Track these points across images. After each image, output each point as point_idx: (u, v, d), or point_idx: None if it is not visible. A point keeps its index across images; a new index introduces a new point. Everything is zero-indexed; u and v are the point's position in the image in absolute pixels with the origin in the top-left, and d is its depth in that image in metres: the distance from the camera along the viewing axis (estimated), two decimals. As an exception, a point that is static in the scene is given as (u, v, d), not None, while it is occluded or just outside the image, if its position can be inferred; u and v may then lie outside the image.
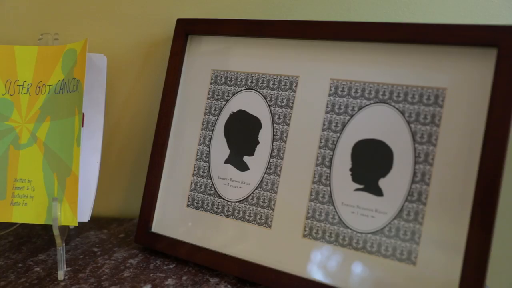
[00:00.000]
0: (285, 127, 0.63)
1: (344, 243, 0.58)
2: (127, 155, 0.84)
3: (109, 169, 0.82)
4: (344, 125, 0.60)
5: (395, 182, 0.56)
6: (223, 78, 0.69)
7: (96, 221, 0.80)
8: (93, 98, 0.69)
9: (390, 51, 0.58)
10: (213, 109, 0.69)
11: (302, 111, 0.63)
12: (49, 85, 0.67)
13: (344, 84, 0.60)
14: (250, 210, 0.64)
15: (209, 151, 0.69)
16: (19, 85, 0.68)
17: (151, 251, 0.71)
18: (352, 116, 0.59)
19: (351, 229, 0.58)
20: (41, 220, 0.64)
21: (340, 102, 0.60)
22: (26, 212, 0.64)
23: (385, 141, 0.57)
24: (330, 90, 0.61)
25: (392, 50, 0.58)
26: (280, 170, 0.63)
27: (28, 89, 0.68)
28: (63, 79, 0.67)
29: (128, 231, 0.78)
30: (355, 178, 0.58)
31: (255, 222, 0.64)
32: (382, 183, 0.57)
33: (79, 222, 0.63)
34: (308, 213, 0.60)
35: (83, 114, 0.66)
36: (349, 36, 0.61)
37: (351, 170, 0.59)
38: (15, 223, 0.72)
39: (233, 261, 0.63)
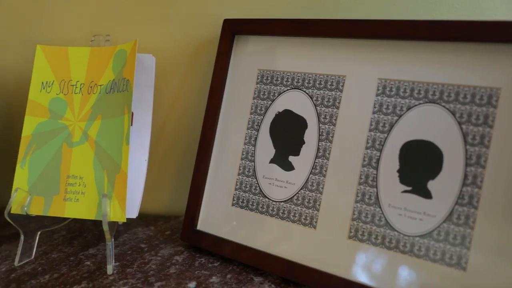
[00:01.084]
0: (331, 127, 0.63)
1: (391, 246, 0.56)
2: (174, 153, 0.85)
3: (156, 167, 0.83)
4: (392, 126, 0.58)
5: (445, 184, 0.54)
6: (269, 78, 0.69)
7: (143, 218, 0.82)
8: (142, 98, 0.71)
9: (441, 49, 0.57)
10: (259, 108, 0.70)
11: (349, 111, 0.62)
12: (100, 85, 0.70)
13: (392, 84, 0.59)
14: (295, 210, 0.64)
15: (254, 150, 0.69)
16: (73, 85, 0.71)
17: (196, 248, 0.72)
18: (400, 116, 0.58)
19: (398, 231, 0.56)
20: (91, 216, 0.66)
21: (388, 102, 0.59)
22: (78, 208, 0.66)
23: (434, 142, 0.56)
24: (378, 89, 0.60)
25: (443, 49, 0.57)
26: (325, 171, 0.62)
27: (80, 89, 0.70)
28: (113, 79, 0.69)
29: (174, 228, 0.80)
30: (402, 180, 0.57)
31: (299, 223, 0.63)
32: (431, 185, 0.55)
33: (127, 219, 0.65)
34: (354, 214, 0.59)
35: (132, 113, 0.68)
36: (398, 34, 0.59)
37: (398, 171, 0.57)
38: (68, 218, 0.74)
39: (277, 261, 0.62)
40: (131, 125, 0.67)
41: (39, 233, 0.71)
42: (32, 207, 0.67)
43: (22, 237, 0.67)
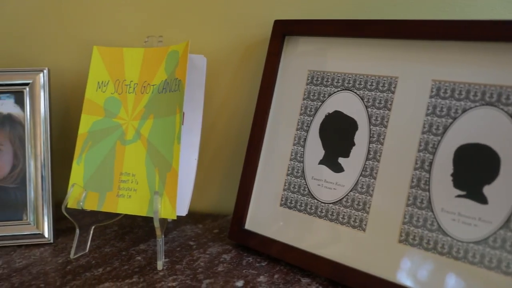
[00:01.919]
0: (383, 129, 0.62)
1: (443, 251, 0.55)
2: (223, 153, 0.86)
3: (205, 166, 0.85)
4: (446, 128, 0.57)
5: (502, 190, 0.52)
6: (319, 79, 0.69)
7: (192, 216, 0.83)
8: (193, 98, 0.72)
9: (499, 50, 0.55)
10: (308, 109, 0.69)
11: (401, 113, 0.61)
12: (153, 85, 0.71)
13: (447, 86, 0.58)
14: (344, 212, 0.63)
15: (303, 151, 0.69)
16: (127, 85, 0.73)
17: (244, 247, 0.72)
18: (455, 119, 0.57)
19: (451, 237, 0.55)
20: (143, 212, 0.67)
21: (442, 104, 0.58)
22: (130, 204, 0.68)
23: (491, 146, 0.54)
24: (432, 91, 0.59)
25: (502, 49, 0.55)
26: (376, 173, 0.61)
27: (134, 88, 0.72)
28: (166, 79, 0.70)
29: (222, 227, 0.81)
30: (456, 184, 0.55)
31: (348, 225, 0.63)
32: (487, 190, 0.53)
33: (176, 216, 0.66)
34: (405, 218, 0.58)
35: (183, 112, 0.69)
36: (453, 35, 0.58)
37: (452, 175, 0.56)
38: (120, 214, 0.76)
39: (325, 263, 0.62)
40: (182, 124, 0.69)
41: (93, 227, 0.73)
42: (87, 203, 0.69)
43: (77, 231, 0.70)
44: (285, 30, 0.72)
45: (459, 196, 0.55)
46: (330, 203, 0.65)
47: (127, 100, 0.72)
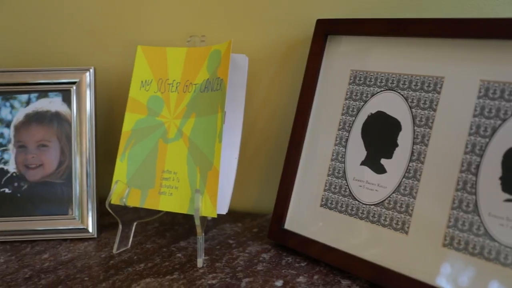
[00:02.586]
0: (427, 130, 0.60)
1: (490, 257, 0.53)
2: (263, 152, 0.86)
3: (245, 165, 0.85)
4: (494, 130, 0.55)
5: (554, 194, 0.50)
6: (362, 79, 0.68)
7: (231, 215, 0.83)
8: (234, 97, 0.72)
9: (552, 50, 0.53)
10: (350, 109, 0.69)
11: (447, 114, 0.59)
12: (195, 84, 0.72)
13: (496, 86, 0.56)
14: (386, 214, 0.62)
15: (345, 152, 0.68)
16: (169, 84, 0.74)
17: (283, 247, 0.72)
18: (504, 120, 0.55)
19: (499, 242, 0.53)
20: (184, 210, 0.68)
21: (491, 105, 0.56)
22: (171, 202, 0.69)
23: (543, 149, 0.52)
24: (479, 92, 0.57)
25: (555, 49, 0.53)
26: (420, 175, 0.60)
27: (176, 87, 0.73)
28: (208, 78, 0.71)
29: (261, 226, 0.81)
30: (505, 188, 0.54)
31: (390, 227, 0.62)
32: (538, 195, 0.51)
33: (217, 214, 0.66)
34: (450, 221, 0.57)
35: (224, 111, 0.70)
36: (502, 33, 0.56)
37: (501, 178, 0.54)
38: (161, 211, 0.77)
39: (366, 265, 0.61)
40: (223, 123, 0.69)
41: (135, 223, 0.75)
42: (130, 199, 0.71)
43: (120, 227, 0.72)
44: (327, 30, 0.72)
45: (508, 200, 0.53)
46: (371, 205, 0.64)
47: (169, 99, 0.73)
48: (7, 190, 0.78)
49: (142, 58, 0.75)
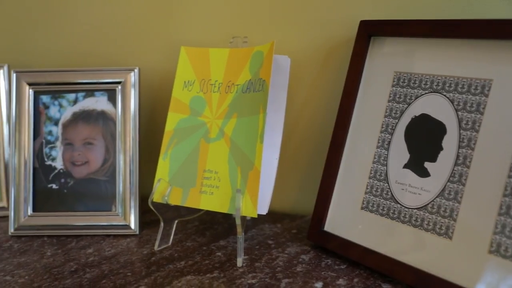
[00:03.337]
0: (474, 133, 0.59)
1: (539, 265, 0.52)
2: (303, 153, 0.86)
3: (284, 166, 0.85)
4: (545, 135, 0.54)
5: None
6: (406, 81, 0.67)
7: (270, 215, 0.84)
8: (276, 98, 0.72)
9: None
10: (393, 112, 0.68)
11: (495, 118, 0.58)
12: (237, 85, 0.72)
13: (547, 89, 0.54)
14: (429, 218, 0.61)
15: (387, 154, 0.67)
16: (212, 84, 0.74)
17: (322, 249, 0.72)
18: (556, 124, 0.53)
19: (548, 250, 0.52)
20: (224, 209, 0.69)
21: (542, 108, 0.54)
22: (212, 201, 0.70)
23: None
24: (530, 95, 0.55)
25: None
26: (465, 179, 0.59)
27: (219, 88, 0.74)
28: (250, 79, 0.71)
29: (300, 227, 0.81)
30: (556, 194, 0.52)
31: (434, 232, 0.61)
32: None
33: (257, 215, 0.67)
34: (496, 228, 0.55)
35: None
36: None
37: (552, 185, 0.52)
38: (201, 210, 0.78)
39: (408, 269, 0.60)
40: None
41: (176, 221, 0.76)
42: (171, 197, 0.72)
43: (162, 224, 0.73)
44: (371, 31, 0.71)
45: (559, 207, 0.52)
46: (414, 209, 0.63)
47: (211, 99, 0.74)
48: (54, 186, 0.81)
49: (185, 59, 0.77)
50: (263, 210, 0.70)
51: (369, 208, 0.68)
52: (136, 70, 0.81)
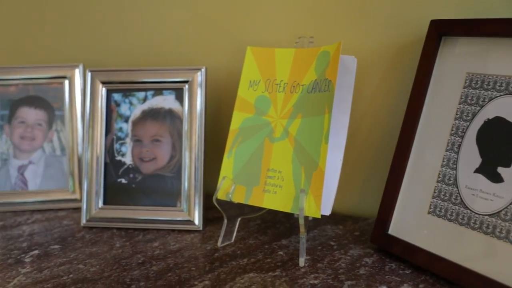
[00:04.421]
0: (553, 138, 0.56)
1: None
2: (366, 155, 0.85)
3: (348, 168, 0.84)
4: None
5: None
6: (479, 82, 0.65)
7: (332, 216, 0.83)
8: (341, 99, 0.72)
9: None
10: (465, 114, 0.66)
11: None
12: (303, 85, 0.73)
13: None
14: (502, 226, 0.59)
15: (457, 158, 0.65)
16: (277, 84, 0.75)
17: (386, 252, 0.71)
18: None
19: None
20: (287, 208, 0.69)
21: None
22: (275, 200, 0.70)
23: None
24: None
25: None
26: (542, 186, 0.56)
27: (284, 88, 0.74)
28: (315, 79, 0.71)
29: (362, 230, 0.79)
30: None
31: (507, 240, 0.58)
32: None
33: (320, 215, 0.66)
34: None
35: (330, 113, 0.69)
36: None
37: None
38: (263, 209, 0.79)
39: (478, 278, 0.58)
40: (329, 124, 0.69)
41: (239, 219, 0.77)
42: (235, 195, 0.73)
43: (225, 221, 0.74)
44: (442, 31, 0.69)
45: None
46: (485, 215, 0.61)
47: (276, 99, 0.74)
48: (123, 181, 0.84)
49: (251, 58, 0.77)
50: (327, 211, 0.69)
51: (437, 213, 0.66)
52: (203, 70, 0.82)
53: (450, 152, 0.66)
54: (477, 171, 0.63)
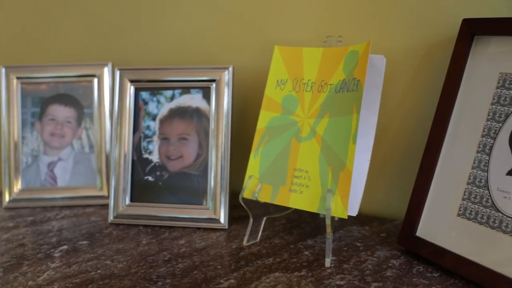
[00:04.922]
0: None
1: None
2: (394, 156, 0.84)
3: (375, 168, 0.83)
4: None
5: None
6: (512, 82, 0.63)
7: (358, 217, 0.83)
8: (369, 98, 0.71)
9: None
10: (497, 115, 0.64)
11: None
12: (331, 84, 0.72)
13: None
14: (536, 230, 0.57)
15: (488, 160, 0.64)
16: (304, 83, 0.75)
17: (413, 255, 0.69)
18: None
19: None
20: (313, 209, 0.69)
21: None
22: (302, 200, 0.70)
23: None
24: None
25: None
26: None
27: (311, 87, 0.74)
28: (344, 79, 0.71)
29: (389, 231, 0.79)
30: None
31: (540, 244, 0.57)
32: None
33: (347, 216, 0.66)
34: None
35: (358, 113, 0.68)
36: None
37: None
38: (289, 208, 0.78)
39: (509, 283, 0.57)
40: (357, 124, 0.68)
41: (264, 218, 0.77)
42: (261, 194, 0.73)
43: (251, 220, 0.74)
44: (474, 30, 0.68)
45: None
46: (518, 219, 0.59)
47: (304, 98, 0.74)
48: (150, 178, 0.85)
49: (278, 58, 0.77)
50: (353, 212, 0.69)
51: (466, 216, 0.65)
52: (230, 69, 0.83)
53: (482, 153, 0.65)
54: (510, 173, 0.62)
